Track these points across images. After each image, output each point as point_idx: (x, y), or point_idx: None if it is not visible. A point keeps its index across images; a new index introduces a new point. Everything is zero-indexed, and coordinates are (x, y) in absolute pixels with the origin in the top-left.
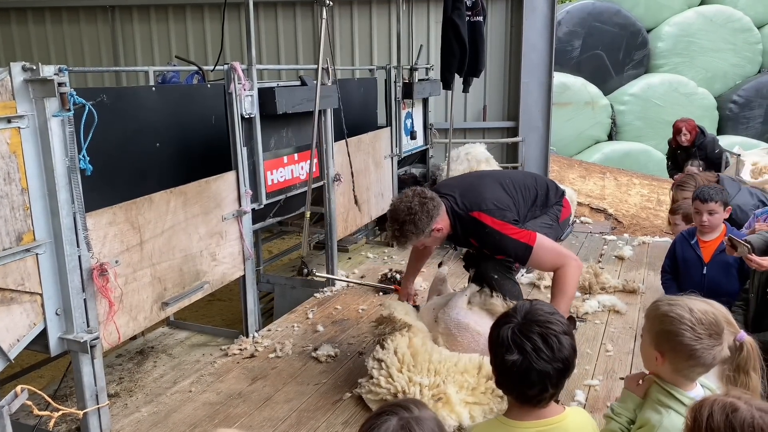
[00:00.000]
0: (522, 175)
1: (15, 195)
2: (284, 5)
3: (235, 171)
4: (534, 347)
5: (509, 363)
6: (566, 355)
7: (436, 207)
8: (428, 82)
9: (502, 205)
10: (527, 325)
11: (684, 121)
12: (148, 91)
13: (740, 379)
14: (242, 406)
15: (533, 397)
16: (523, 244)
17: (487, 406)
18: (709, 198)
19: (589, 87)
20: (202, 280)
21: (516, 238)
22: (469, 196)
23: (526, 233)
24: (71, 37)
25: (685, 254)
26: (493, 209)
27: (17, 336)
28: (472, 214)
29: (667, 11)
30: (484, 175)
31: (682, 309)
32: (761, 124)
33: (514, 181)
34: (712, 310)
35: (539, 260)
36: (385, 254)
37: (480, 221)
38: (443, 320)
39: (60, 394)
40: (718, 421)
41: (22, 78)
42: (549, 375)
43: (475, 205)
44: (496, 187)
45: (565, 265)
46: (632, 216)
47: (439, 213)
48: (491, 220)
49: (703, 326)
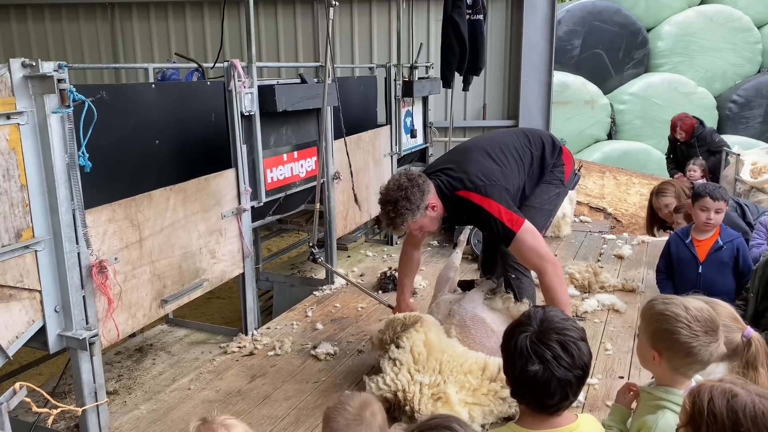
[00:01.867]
0: (514, 136)
1: (14, 192)
2: (284, 3)
3: (235, 168)
4: (554, 355)
5: (531, 373)
6: (585, 361)
7: (425, 182)
8: (428, 80)
9: (489, 179)
10: (545, 333)
11: (680, 119)
12: (147, 88)
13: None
14: (241, 404)
15: (552, 406)
16: (508, 228)
17: (488, 407)
18: (720, 197)
19: (588, 86)
20: (201, 277)
21: (501, 219)
22: (455, 173)
23: (513, 217)
24: (70, 34)
25: (680, 254)
26: (479, 185)
27: (16, 333)
28: (458, 194)
29: (667, 10)
30: (471, 147)
31: (678, 307)
32: (761, 123)
33: (505, 146)
34: (707, 308)
35: (518, 251)
36: (384, 252)
37: (466, 199)
38: (458, 312)
39: (59, 392)
40: (720, 406)
41: (22, 74)
42: (570, 383)
43: (460, 183)
44: (483, 158)
45: (543, 272)
46: (631, 215)
47: (429, 189)
48: (477, 197)
49: (699, 323)
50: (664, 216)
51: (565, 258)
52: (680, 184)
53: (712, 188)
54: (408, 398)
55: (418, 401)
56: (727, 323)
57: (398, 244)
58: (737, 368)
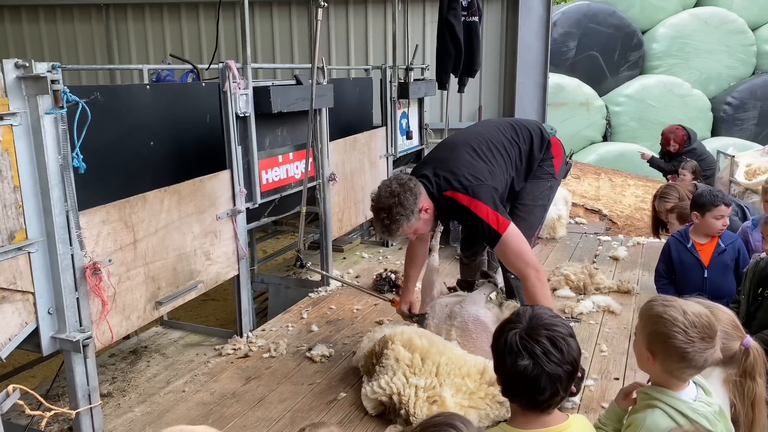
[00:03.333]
0: (502, 129)
1: (7, 193)
2: (279, 4)
3: (230, 170)
4: (544, 350)
5: (521, 368)
6: (575, 356)
7: (416, 185)
8: (424, 82)
9: (476, 178)
10: (534, 329)
11: (672, 132)
12: (142, 90)
13: (746, 384)
14: (236, 406)
15: (543, 402)
16: (494, 230)
17: (484, 411)
18: (730, 201)
19: (584, 88)
20: (196, 279)
21: (487, 221)
22: (441, 174)
23: (499, 219)
24: (65, 35)
25: (682, 258)
26: (466, 185)
27: (9, 335)
28: (446, 194)
29: (662, 13)
30: (457, 143)
31: (676, 311)
32: (755, 125)
33: (492, 143)
34: (706, 313)
35: (503, 253)
36: (380, 254)
37: (454, 200)
38: (460, 315)
39: (52, 394)
40: None
41: (15, 75)
42: (560, 378)
43: (448, 184)
44: (469, 156)
45: (526, 278)
46: (627, 217)
47: (421, 191)
48: (465, 198)
49: (696, 329)
50: (666, 219)
51: (561, 259)
52: (683, 188)
53: (720, 195)
54: (403, 401)
55: (413, 404)
56: (727, 330)
57: (394, 245)
58: (734, 376)
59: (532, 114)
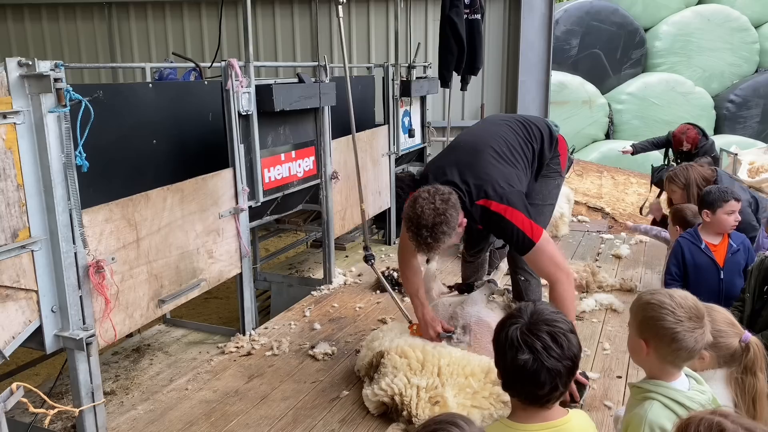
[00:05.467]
0: (515, 130)
1: (10, 191)
2: (282, 2)
3: (232, 168)
4: (544, 345)
5: (521, 362)
6: (575, 352)
7: (456, 200)
8: (426, 80)
9: (508, 185)
10: (535, 324)
11: (683, 132)
12: (144, 88)
13: (747, 380)
14: (239, 404)
15: (542, 397)
16: (528, 238)
17: (487, 411)
18: (739, 195)
19: (586, 86)
20: (198, 277)
21: (522, 229)
22: (471, 181)
23: (533, 227)
24: (68, 33)
25: (696, 259)
26: (501, 193)
27: (13, 333)
28: (478, 203)
29: (664, 10)
30: (478, 145)
31: (662, 296)
32: (758, 123)
33: (511, 144)
34: (692, 297)
35: (536, 261)
36: (383, 252)
37: (486, 208)
38: (462, 316)
39: (56, 392)
40: None
41: (18, 73)
42: (559, 373)
43: (481, 192)
44: (494, 160)
45: (557, 281)
46: (629, 215)
47: (459, 206)
48: (499, 206)
49: (683, 309)
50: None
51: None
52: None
53: (730, 190)
54: (405, 402)
55: (415, 405)
56: (723, 328)
57: (396, 244)
58: (736, 373)
59: (534, 112)
